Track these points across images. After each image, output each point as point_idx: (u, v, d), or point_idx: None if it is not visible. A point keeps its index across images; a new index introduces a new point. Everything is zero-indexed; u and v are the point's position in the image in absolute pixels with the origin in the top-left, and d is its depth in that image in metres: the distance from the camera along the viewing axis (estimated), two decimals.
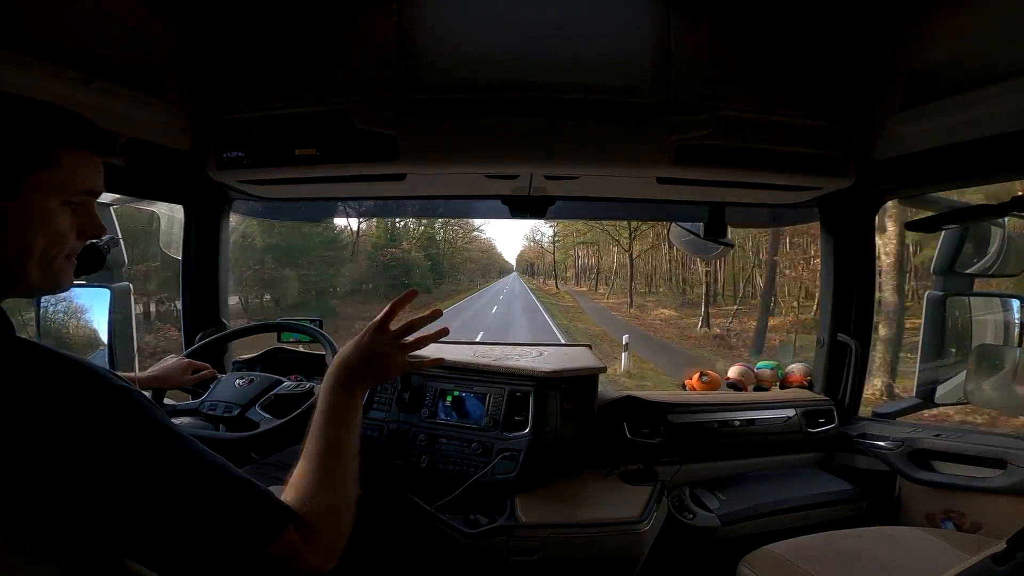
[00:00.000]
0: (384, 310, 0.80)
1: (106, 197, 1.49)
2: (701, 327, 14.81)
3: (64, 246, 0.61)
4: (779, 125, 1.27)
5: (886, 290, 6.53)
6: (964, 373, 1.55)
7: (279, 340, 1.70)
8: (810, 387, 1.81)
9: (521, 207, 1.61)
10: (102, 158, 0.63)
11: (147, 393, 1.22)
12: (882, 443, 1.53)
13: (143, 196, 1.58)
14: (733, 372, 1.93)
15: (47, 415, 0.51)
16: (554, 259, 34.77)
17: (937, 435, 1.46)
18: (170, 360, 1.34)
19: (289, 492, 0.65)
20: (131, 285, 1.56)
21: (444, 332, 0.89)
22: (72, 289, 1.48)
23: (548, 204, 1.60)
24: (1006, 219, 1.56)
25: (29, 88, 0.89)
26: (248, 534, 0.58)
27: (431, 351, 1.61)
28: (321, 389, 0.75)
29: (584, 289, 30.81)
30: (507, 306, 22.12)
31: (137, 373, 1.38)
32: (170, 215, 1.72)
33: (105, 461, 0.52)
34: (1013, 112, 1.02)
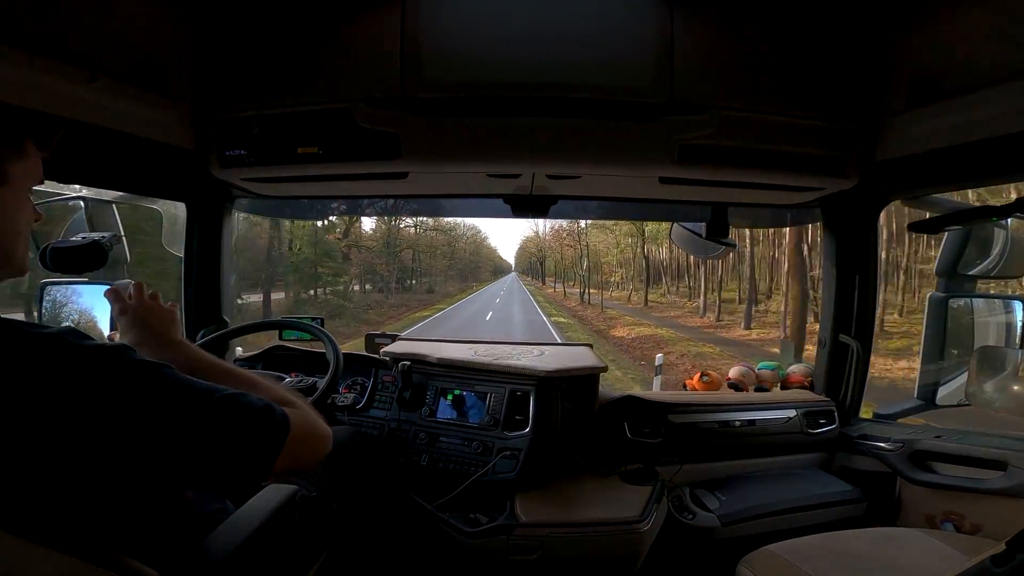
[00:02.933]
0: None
1: (109, 194, 1.50)
2: None
3: (30, 229, 0.66)
4: (782, 125, 1.26)
5: None
6: (966, 375, 1.55)
7: (280, 338, 1.71)
8: (811, 388, 1.80)
9: (523, 206, 1.61)
10: (42, 152, 0.67)
11: None
12: (883, 444, 1.53)
13: (145, 194, 1.58)
14: (734, 372, 1.93)
15: (25, 388, 0.51)
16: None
17: (938, 436, 1.46)
18: None
19: None
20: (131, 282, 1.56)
21: None
22: (74, 286, 1.50)
23: (550, 203, 1.60)
24: (1009, 221, 1.55)
25: (32, 85, 0.89)
26: (252, 446, 0.59)
27: (428, 350, 1.63)
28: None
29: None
30: None
31: None
32: (172, 212, 1.73)
33: (93, 418, 0.52)
34: (1018, 113, 1.01)
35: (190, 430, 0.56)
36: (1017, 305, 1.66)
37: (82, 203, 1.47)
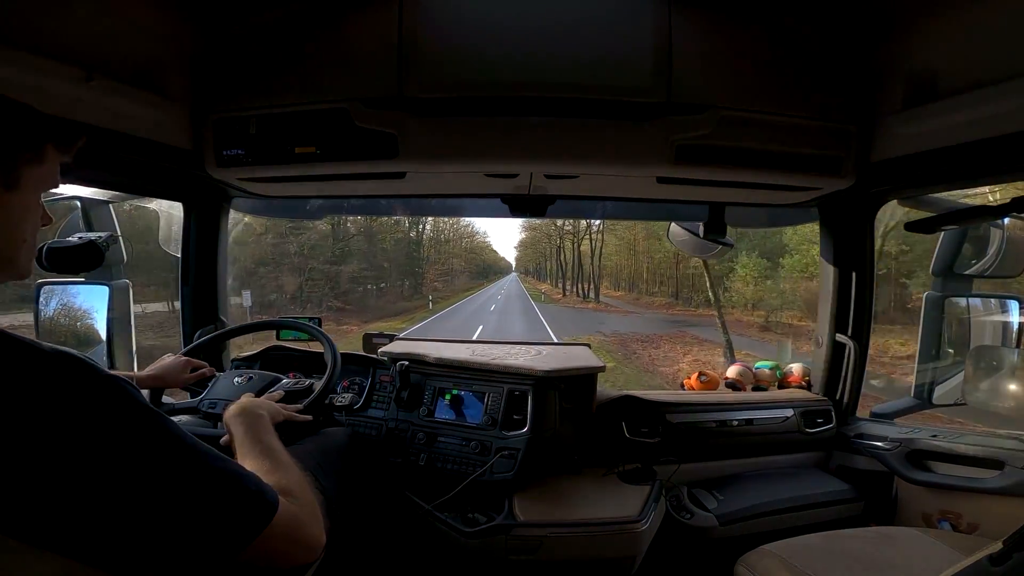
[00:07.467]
0: None
1: (105, 194, 1.49)
2: None
3: (37, 235, 0.66)
4: (779, 125, 1.26)
5: None
6: (962, 374, 1.56)
7: (278, 338, 1.70)
8: (808, 387, 1.81)
9: (521, 206, 1.61)
10: (63, 156, 0.67)
11: (145, 392, 1.22)
12: (880, 443, 1.53)
13: (142, 194, 1.57)
14: (732, 372, 1.93)
15: (34, 406, 0.51)
16: None
17: (934, 436, 1.47)
18: (168, 359, 1.34)
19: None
20: (130, 282, 1.56)
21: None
22: (72, 286, 1.50)
23: (548, 203, 1.60)
24: (1005, 220, 1.56)
25: (30, 85, 0.89)
26: (233, 524, 0.58)
27: (426, 350, 1.63)
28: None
29: None
30: None
31: (136, 372, 1.38)
32: (169, 212, 1.72)
33: (93, 449, 0.52)
34: (1013, 113, 1.02)
35: (171, 484, 0.55)
36: (1013, 304, 1.66)
37: (78, 203, 1.47)
